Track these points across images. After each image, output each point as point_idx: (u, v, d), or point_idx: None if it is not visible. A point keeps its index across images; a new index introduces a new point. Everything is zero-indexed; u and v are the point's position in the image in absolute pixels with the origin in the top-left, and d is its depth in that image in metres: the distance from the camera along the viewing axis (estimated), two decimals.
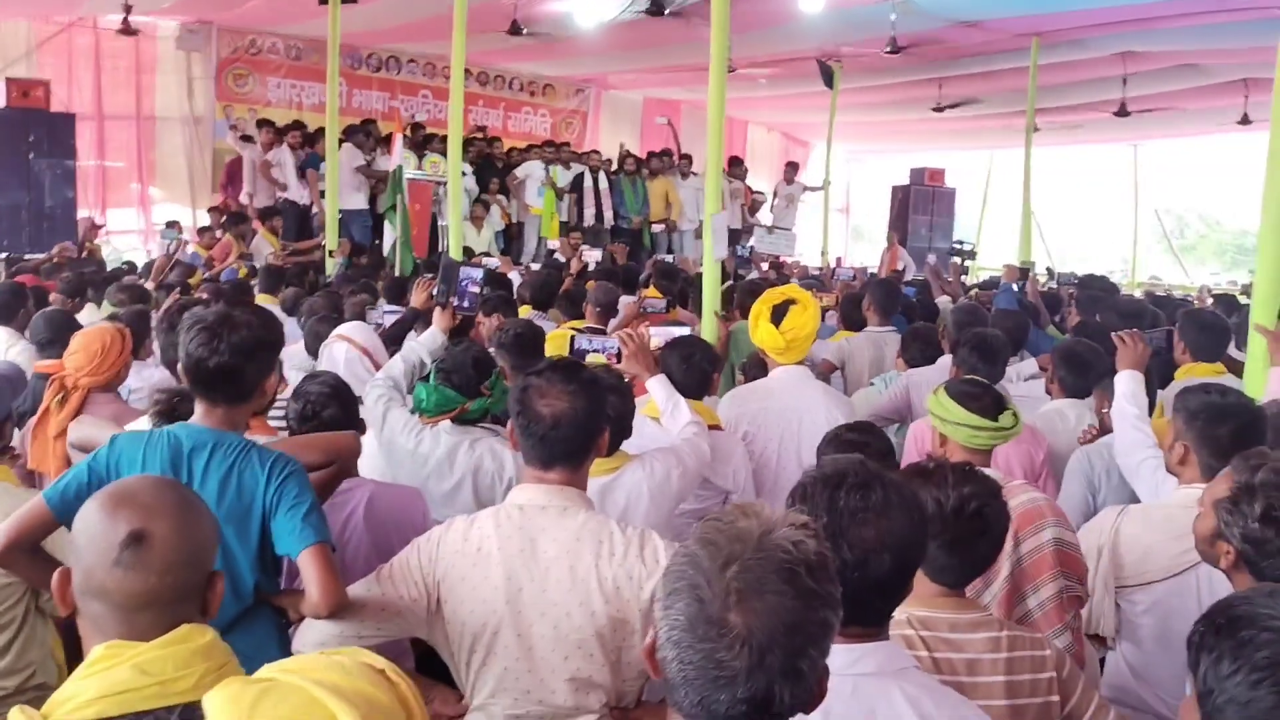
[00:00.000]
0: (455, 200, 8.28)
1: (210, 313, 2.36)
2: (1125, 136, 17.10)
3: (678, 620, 1.21)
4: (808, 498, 1.65)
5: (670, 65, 14.25)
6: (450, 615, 2.13)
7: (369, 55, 15.05)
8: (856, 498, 1.63)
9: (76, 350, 3.75)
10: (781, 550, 1.22)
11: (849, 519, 1.61)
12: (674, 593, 1.23)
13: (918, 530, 1.67)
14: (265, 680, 1.22)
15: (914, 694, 1.61)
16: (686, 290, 7.52)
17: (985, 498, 2.10)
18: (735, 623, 1.18)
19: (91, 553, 1.48)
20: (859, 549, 1.60)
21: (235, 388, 2.34)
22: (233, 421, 2.37)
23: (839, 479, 1.66)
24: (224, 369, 2.29)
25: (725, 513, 1.30)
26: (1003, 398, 2.98)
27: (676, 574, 1.24)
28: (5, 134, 11.12)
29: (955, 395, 2.93)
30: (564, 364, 2.34)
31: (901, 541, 1.63)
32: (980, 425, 2.87)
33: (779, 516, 1.27)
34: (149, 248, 13.04)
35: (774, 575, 1.20)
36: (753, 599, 1.19)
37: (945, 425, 2.93)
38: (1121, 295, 8.58)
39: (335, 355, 4.86)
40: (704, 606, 1.20)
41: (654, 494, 3.02)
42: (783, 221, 15.50)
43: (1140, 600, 2.68)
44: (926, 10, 10.47)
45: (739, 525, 1.25)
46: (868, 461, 1.74)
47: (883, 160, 21.40)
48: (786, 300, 3.95)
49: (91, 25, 12.91)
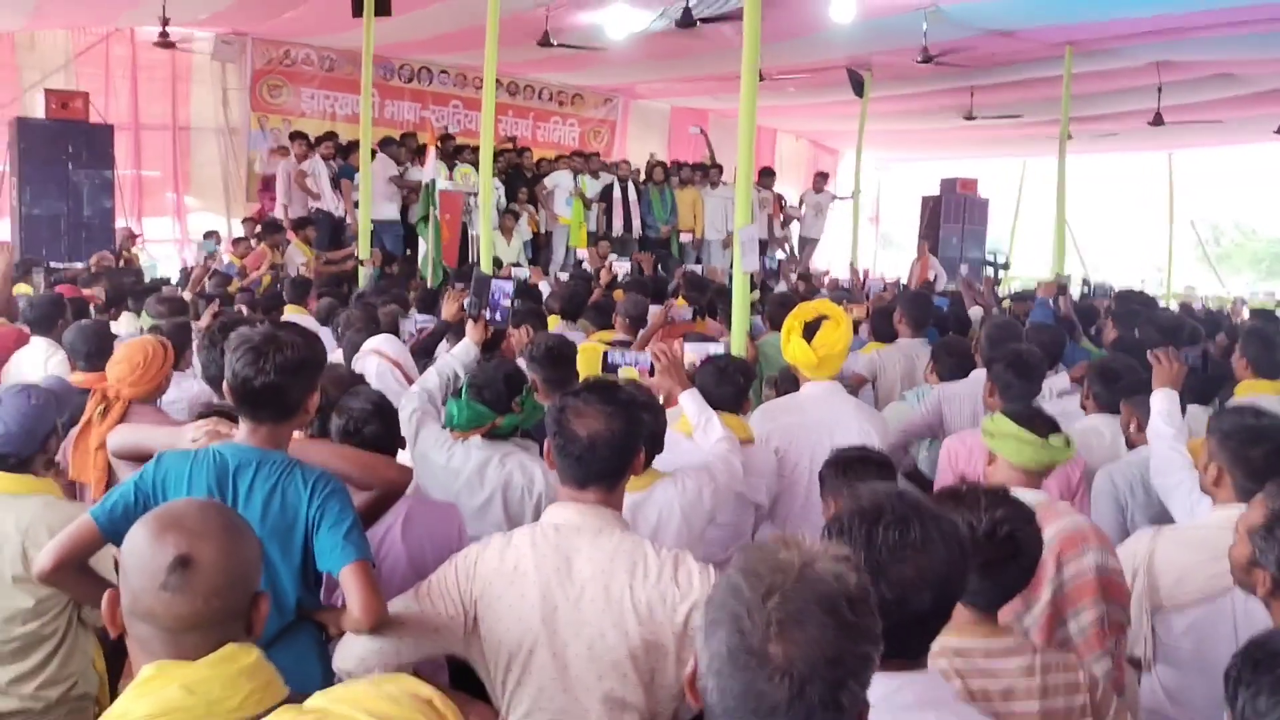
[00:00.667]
0: (486, 211, 8.33)
1: (256, 333, 2.40)
2: (1160, 145, 16.95)
3: (718, 650, 1.22)
4: (845, 532, 1.63)
5: (699, 75, 14.26)
6: (486, 634, 2.15)
7: (401, 66, 15.18)
8: (895, 534, 1.61)
9: (119, 361, 3.80)
10: (823, 582, 1.23)
11: (888, 556, 1.59)
12: (715, 623, 1.24)
13: (959, 564, 1.65)
14: (318, 710, 1.25)
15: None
16: (715, 301, 7.52)
17: (1017, 522, 2.08)
18: (776, 654, 1.19)
19: (139, 577, 1.51)
20: (898, 587, 1.58)
21: (280, 406, 2.37)
22: (276, 440, 2.41)
23: (876, 513, 1.64)
24: (269, 388, 2.33)
25: (766, 543, 1.30)
26: (1056, 424, 2.93)
27: (718, 604, 1.25)
28: (45, 145, 11.34)
29: (1010, 415, 2.92)
30: (601, 384, 2.36)
31: (942, 577, 1.62)
32: (1029, 440, 2.83)
33: (820, 548, 1.27)
34: (184, 256, 13.21)
35: (815, 607, 1.21)
36: (794, 630, 1.19)
37: (994, 440, 2.90)
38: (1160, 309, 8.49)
39: (367, 368, 4.89)
40: (745, 637, 1.20)
41: (686, 511, 3.02)
42: (811, 231, 15.47)
43: (1176, 623, 2.66)
44: (959, 19, 10.41)
45: (780, 556, 1.25)
46: (905, 493, 1.72)
47: (913, 169, 21.30)
48: (819, 316, 3.93)
49: (129, 36, 13.13)
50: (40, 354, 5.26)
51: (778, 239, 15.03)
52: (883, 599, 1.53)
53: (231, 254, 11.47)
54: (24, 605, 2.87)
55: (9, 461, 2.94)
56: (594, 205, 13.65)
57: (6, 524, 2.87)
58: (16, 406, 2.95)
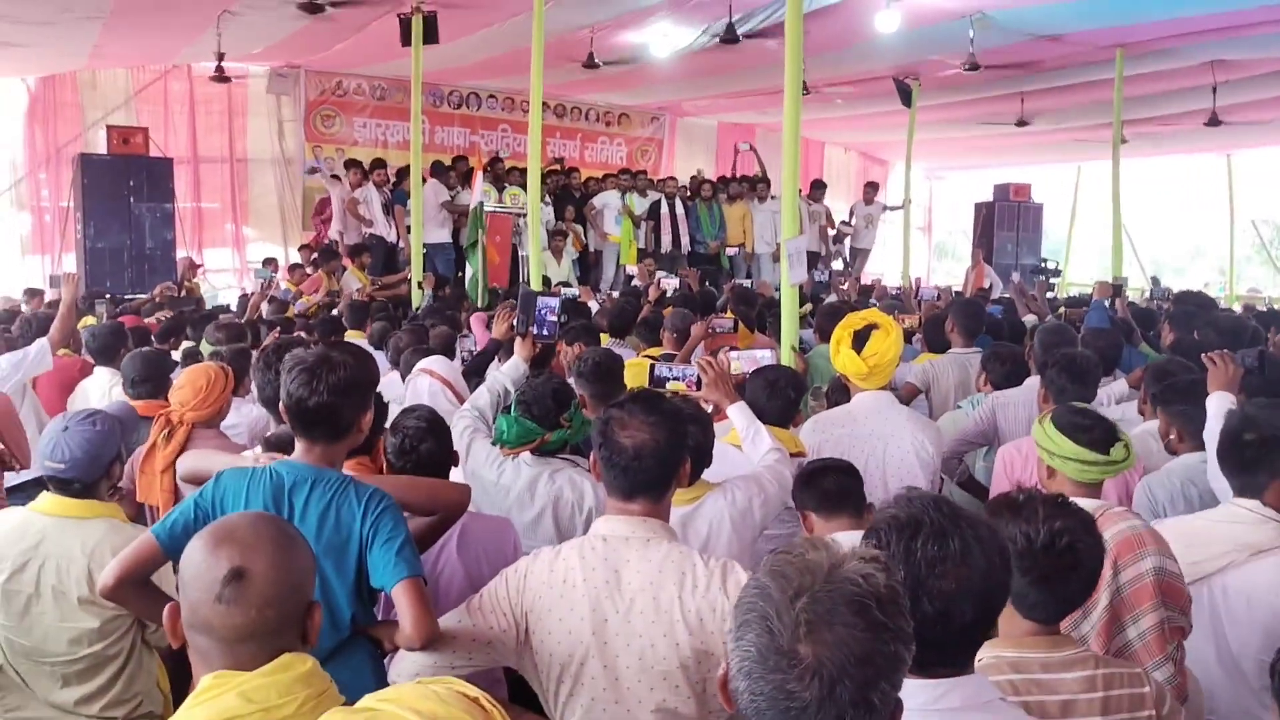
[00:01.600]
0: (535, 231, 8.41)
1: (310, 354, 2.44)
2: (1217, 146, 16.60)
3: (748, 651, 1.23)
4: (883, 546, 1.61)
5: (745, 90, 14.27)
6: (538, 646, 2.17)
7: (450, 92, 15.41)
8: (934, 547, 1.59)
9: (182, 386, 3.89)
10: (851, 583, 1.23)
11: (927, 570, 1.58)
12: (744, 624, 1.25)
13: (1000, 574, 1.63)
14: (367, 710, 1.27)
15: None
16: (765, 314, 7.50)
17: (1078, 532, 2.02)
18: (805, 654, 1.19)
19: (195, 589, 1.55)
20: (940, 600, 1.56)
21: (333, 426, 2.41)
22: (331, 459, 2.44)
23: (915, 526, 1.61)
24: (323, 408, 2.36)
25: (795, 545, 1.31)
26: (1115, 428, 2.85)
27: (747, 605, 1.26)
28: (107, 180, 11.68)
29: (1064, 427, 2.81)
30: (645, 395, 2.37)
31: (983, 588, 1.59)
32: (1091, 460, 2.76)
33: (849, 550, 1.28)
34: (243, 285, 13.48)
35: (844, 607, 1.21)
36: (822, 630, 1.20)
37: (1054, 459, 2.82)
38: (1220, 310, 8.29)
39: (419, 388, 4.96)
40: (774, 638, 1.21)
41: (735, 523, 3.00)
42: (863, 242, 15.37)
43: None
44: (1006, 25, 10.31)
45: (809, 557, 1.26)
46: (943, 502, 1.69)
47: (964, 177, 21.09)
48: (868, 325, 3.90)
49: (186, 73, 13.49)
50: (104, 383, 5.40)
51: (828, 254, 14.95)
52: (924, 613, 1.53)
53: (288, 281, 11.70)
54: (90, 626, 2.94)
55: (74, 487, 3.02)
56: (643, 223, 13.72)
57: (72, 547, 2.94)
58: (82, 433, 3.02)
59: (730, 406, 3.49)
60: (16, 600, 2.95)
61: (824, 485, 2.99)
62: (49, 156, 12.77)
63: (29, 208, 12.92)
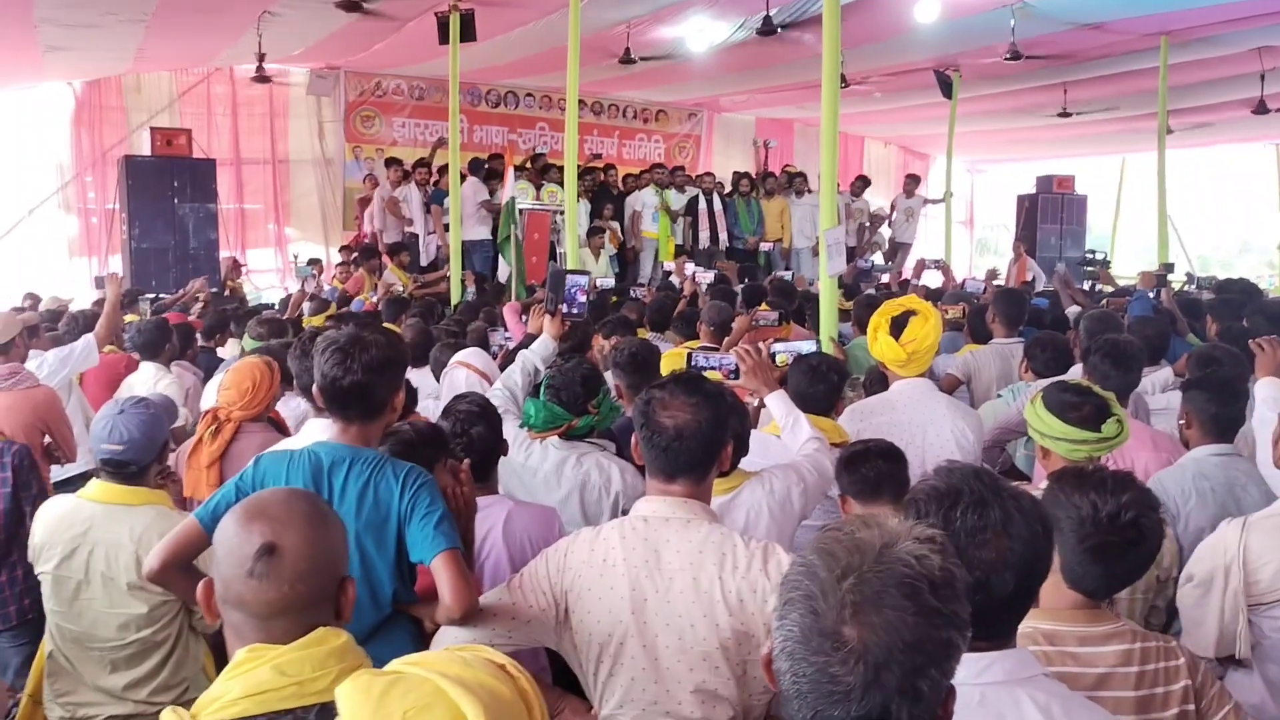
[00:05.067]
0: (572, 228, 8.43)
1: (341, 335, 2.47)
2: (1266, 135, 16.27)
3: (792, 631, 1.18)
4: (922, 517, 1.58)
5: (782, 84, 14.20)
6: (577, 625, 2.17)
7: (488, 91, 15.48)
8: (974, 516, 1.56)
9: (229, 387, 3.94)
10: (903, 564, 1.18)
11: (967, 540, 1.55)
12: (789, 603, 1.20)
13: (1042, 544, 1.60)
14: (393, 673, 1.27)
15: (1043, 701, 1.55)
16: (804, 307, 7.46)
17: (1143, 508, 1.99)
18: (850, 636, 1.15)
19: (229, 565, 1.57)
20: (980, 570, 1.53)
21: (367, 404, 2.44)
22: (366, 438, 2.47)
23: (954, 496, 1.59)
24: (357, 386, 2.39)
25: (846, 522, 1.26)
26: (1107, 405, 2.84)
27: (792, 584, 1.21)
28: (152, 181, 11.87)
29: (1053, 406, 2.83)
30: (686, 377, 2.36)
31: (1024, 559, 1.57)
32: (1081, 439, 2.76)
33: (903, 529, 1.23)
34: (286, 285, 13.64)
35: (894, 589, 1.16)
36: (870, 613, 1.15)
37: (1045, 440, 2.84)
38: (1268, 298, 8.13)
39: (456, 380, 4.98)
40: (819, 619, 1.16)
41: (774, 512, 2.97)
42: (904, 235, 15.25)
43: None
44: (1047, 14, 10.17)
45: (859, 536, 1.21)
46: (984, 472, 1.66)
47: (1007, 169, 20.85)
48: (906, 311, 3.85)
49: (228, 75, 13.68)
50: (149, 378, 5.49)
51: (867, 246, 14.86)
52: None
53: (333, 279, 11.83)
54: (138, 612, 2.99)
55: (130, 470, 3.07)
56: (680, 219, 13.71)
57: (121, 533, 2.99)
58: (137, 415, 3.09)
59: (769, 395, 3.46)
60: (66, 586, 3.01)
61: (862, 470, 2.96)
62: (95, 160, 13.02)
63: (76, 210, 13.17)
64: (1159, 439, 3.75)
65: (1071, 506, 1.98)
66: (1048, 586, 1.68)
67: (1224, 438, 3.35)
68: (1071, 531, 1.93)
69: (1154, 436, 3.78)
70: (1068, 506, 1.99)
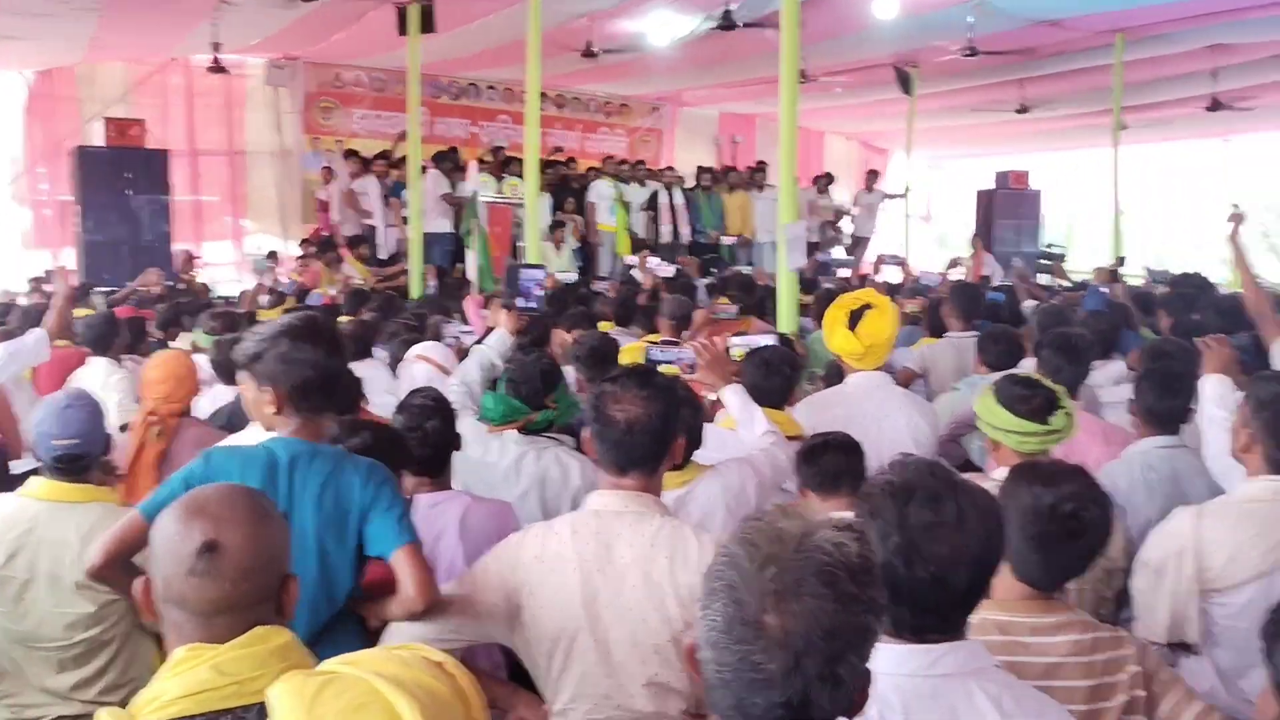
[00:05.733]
0: (533, 221, 8.40)
1: (298, 320, 2.41)
2: (1218, 131, 16.55)
3: (715, 621, 1.20)
4: (876, 513, 1.59)
5: (745, 79, 14.24)
6: (529, 621, 2.16)
7: (449, 83, 15.37)
8: (928, 512, 1.56)
9: (164, 380, 3.86)
10: (822, 552, 1.19)
11: (921, 534, 1.55)
12: (712, 593, 1.22)
13: (995, 538, 1.61)
14: (327, 673, 1.25)
15: (994, 692, 1.57)
16: (765, 301, 7.49)
17: (1085, 501, 2.02)
18: (771, 625, 1.16)
19: (168, 562, 1.53)
20: (934, 565, 1.54)
21: (329, 396, 2.39)
22: (319, 431, 2.42)
23: (909, 491, 1.59)
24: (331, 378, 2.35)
25: (767, 513, 1.27)
26: (1056, 397, 2.88)
27: (715, 574, 1.23)
28: (104, 172, 11.68)
29: (1003, 399, 2.86)
30: (638, 370, 2.36)
31: (978, 553, 1.58)
32: (1030, 431, 2.79)
33: (820, 518, 1.25)
34: (242, 278, 13.48)
35: (813, 578, 1.18)
36: (790, 601, 1.17)
37: (994, 432, 2.87)
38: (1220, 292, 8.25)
39: (415, 375, 4.94)
40: (741, 608, 1.18)
41: (729, 506, 2.98)
42: (863, 230, 15.35)
43: (1231, 602, 2.58)
44: (1005, 10, 10.27)
45: (779, 525, 1.23)
46: (938, 467, 1.67)
47: (967, 165, 21.02)
48: (863, 305, 3.88)
49: (184, 65, 13.47)
50: (100, 373, 5.38)
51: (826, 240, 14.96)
52: (919, 578, 1.53)
53: (291, 273, 11.70)
54: (85, 611, 2.93)
55: (80, 464, 3.02)
56: (641, 213, 13.71)
57: (68, 531, 2.93)
58: (85, 408, 3.04)
59: (725, 389, 3.46)
60: (10, 586, 2.94)
61: (821, 463, 2.97)
62: (48, 151, 12.81)
63: (29, 202, 12.93)
64: (1110, 432, 3.80)
65: (1018, 498, 2.02)
66: (1001, 578, 1.69)
67: (1170, 430, 3.40)
68: (1015, 522, 1.96)
69: (1105, 429, 3.83)
70: (1015, 498, 2.02)
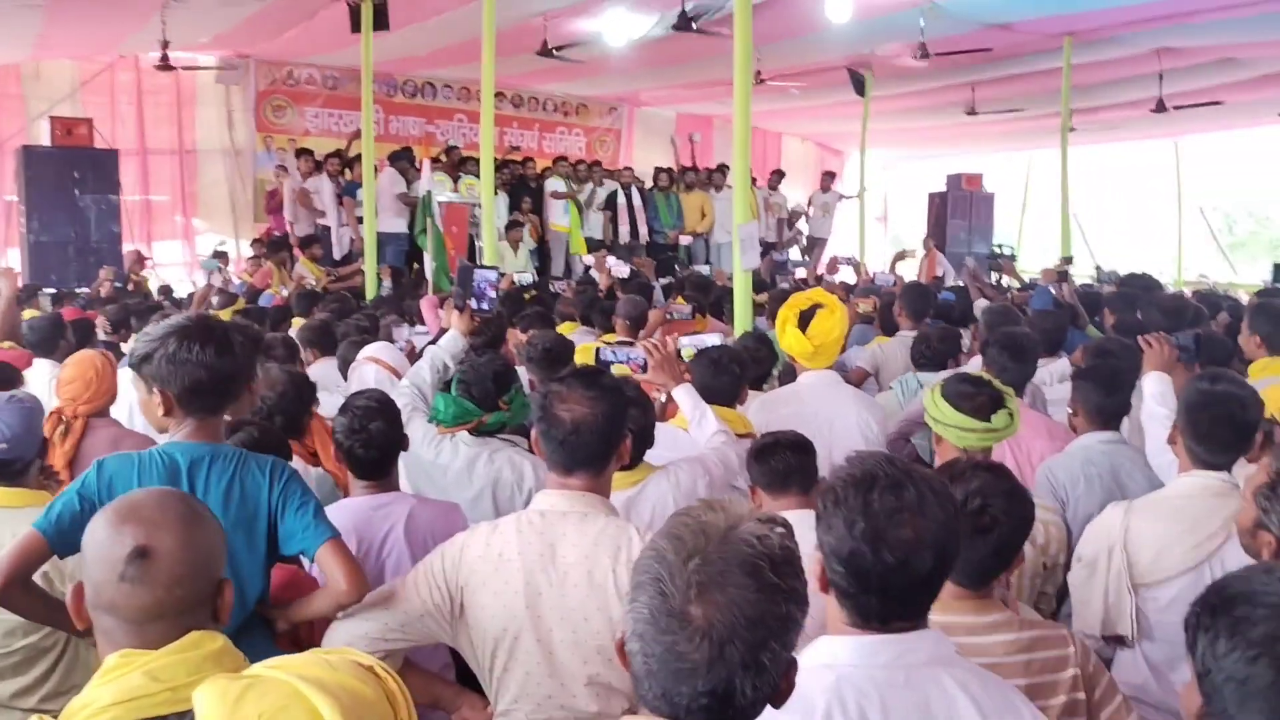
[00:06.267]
0: (489, 222, 8.36)
1: (188, 321, 2.35)
2: (1165, 133, 16.85)
3: (641, 613, 1.24)
4: (840, 502, 1.62)
5: (701, 80, 14.28)
6: (473, 621, 2.16)
7: (404, 82, 15.27)
8: (890, 498, 1.60)
9: (71, 381, 3.77)
10: (746, 544, 1.24)
11: (885, 521, 1.58)
12: (639, 586, 1.26)
13: (953, 523, 1.65)
14: (250, 676, 1.25)
15: (962, 678, 1.60)
16: (722, 301, 7.52)
17: (993, 496, 2.06)
18: (695, 615, 1.21)
19: (99, 569, 1.51)
20: (899, 550, 1.57)
21: (227, 395, 2.34)
22: (217, 432, 2.37)
23: (870, 481, 1.62)
24: (221, 376, 2.29)
25: (693, 508, 1.31)
26: (1001, 398, 2.95)
27: (643, 568, 1.27)
28: (51, 172, 11.46)
29: (949, 396, 2.93)
30: (585, 371, 2.37)
31: (940, 537, 1.61)
32: (970, 427, 2.87)
33: (745, 511, 1.29)
34: (194, 279, 13.30)
35: (736, 569, 1.22)
36: (713, 592, 1.21)
37: (938, 426, 2.94)
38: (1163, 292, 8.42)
39: (365, 376, 4.90)
40: (666, 600, 1.22)
41: (680, 504, 2.97)
42: (819, 231, 15.46)
43: (1160, 596, 2.64)
44: (955, 14, 10.39)
45: (704, 519, 1.27)
46: (894, 458, 1.71)
47: (920, 167, 21.24)
48: (813, 305, 3.92)
49: (133, 63, 13.25)
50: (45, 375, 5.29)
51: (780, 242, 15.05)
52: (885, 563, 1.56)
53: (241, 273, 11.55)
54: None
55: (14, 467, 2.95)
56: (599, 213, 13.71)
57: (4, 538, 2.87)
58: (14, 410, 2.96)
59: (676, 389, 3.47)
60: None
61: (771, 462, 2.99)
62: None
63: None
64: (1054, 428, 3.86)
65: None
66: None
67: (1109, 425, 3.46)
68: None
69: (1049, 426, 3.89)
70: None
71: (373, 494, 2.92)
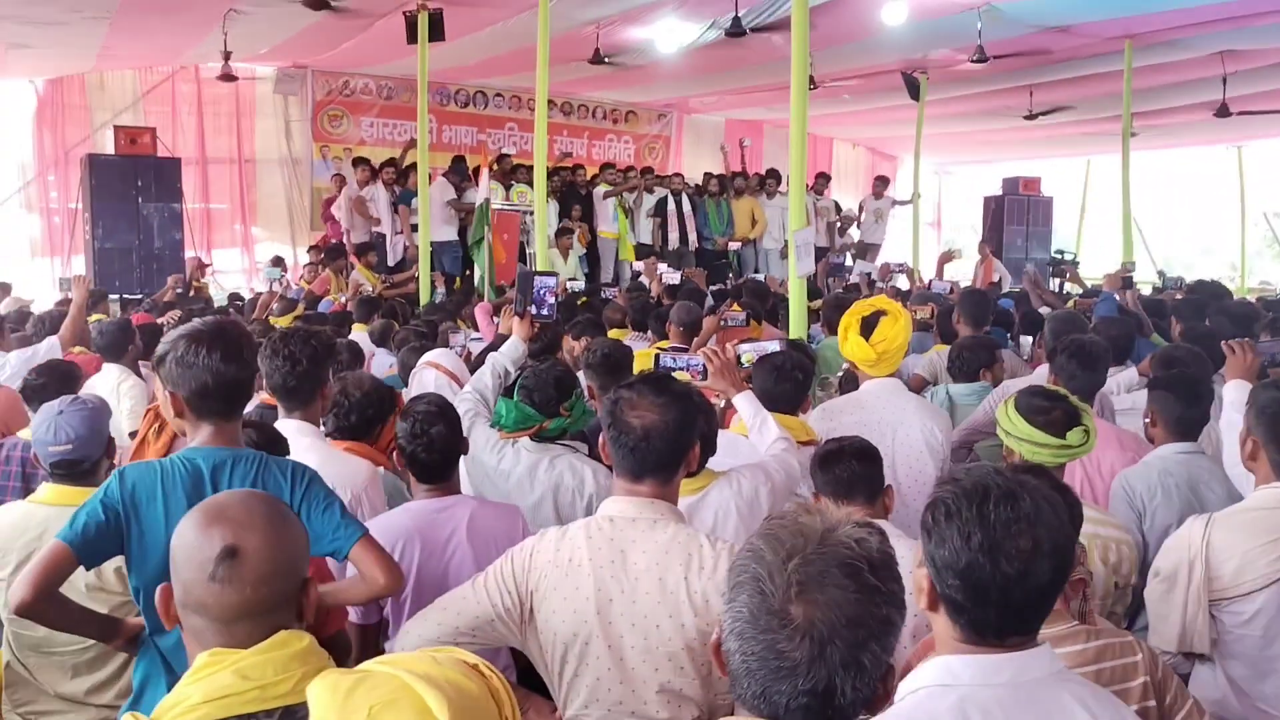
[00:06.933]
0: (542, 228, 8.41)
1: (204, 326, 2.35)
2: (1228, 138, 16.52)
3: (740, 612, 1.25)
4: (954, 515, 1.58)
5: (751, 86, 14.25)
6: (542, 625, 2.16)
7: (457, 91, 15.42)
8: (1006, 509, 1.56)
9: None
10: (844, 546, 1.26)
11: (1002, 532, 1.55)
12: (738, 585, 1.27)
13: (1070, 530, 1.62)
14: (361, 671, 1.28)
15: (1079, 693, 1.56)
16: (778, 308, 7.48)
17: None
18: (796, 614, 1.22)
19: (188, 569, 1.54)
20: (1018, 560, 1.54)
21: (241, 400, 2.36)
22: (235, 436, 2.37)
23: (984, 492, 1.59)
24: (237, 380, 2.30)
25: (787, 511, 1.33)
26: (1078, 414, 2.87)
27: (740, 567, 1.28)
28: (115, 180, 11.70)
29: (1023, 409, 2.87)
30: (655, 377, 2.36)
31: (1058, 544, 1.58)
32: (1043, 442, 2.80)
33: (842, 515, 1.31)
34: (252, 285, 13.52)
35: (836, 569, 1.24)
36: (814, 591, 1.23)
37: (1010, 439, 2.88)
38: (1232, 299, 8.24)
39: (425, 381, 4.96)
40: (766, 599, 1.24)
41: (742, 512, 2.96)
42: (871, 237, 15.33)
43: (1243, 611, 2.58)
44: (1014, 17, 10.27)
45: (802, 521, 1.29)
46: (1002, 470, 1.68)
47: (975, 172, 21.02)
48: (876, 312, 3.87)
49: (193, 73, 13.54)
50: (113, 380, 5.40)
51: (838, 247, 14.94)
52: (1004, 574, 1.52)
53: (300, 281, 11.72)
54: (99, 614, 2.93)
55: (82, 467, 3.02)
56: (649, 219, 13.73)
57: None
58: (77, 413, 3.04)
59: (737, 396, 3.46)
60: None
61: (836, 470, 2.95)
62: (57, 159, 12.86)
63: (38, 210, 12.99)
64: (1125, 438, 3.78)
65: None
66: None
67: (1188, 436, 3.39)
68: None
69: (1120, 436, 3.81)
70: None
71: (435, 497, 2.94)
